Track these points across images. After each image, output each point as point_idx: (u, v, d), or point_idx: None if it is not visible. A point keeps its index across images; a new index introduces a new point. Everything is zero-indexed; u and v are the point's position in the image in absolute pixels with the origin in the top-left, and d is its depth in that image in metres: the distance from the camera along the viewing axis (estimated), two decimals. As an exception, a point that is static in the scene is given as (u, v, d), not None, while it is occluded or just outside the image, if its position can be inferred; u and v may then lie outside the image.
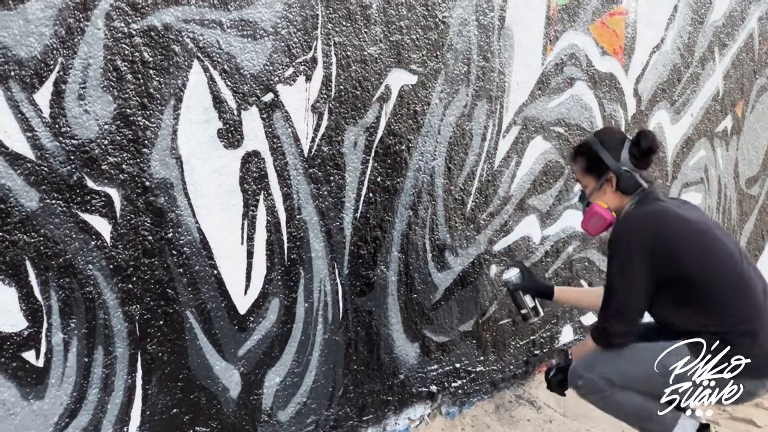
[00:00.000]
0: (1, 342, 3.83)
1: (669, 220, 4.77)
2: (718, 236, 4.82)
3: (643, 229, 4.76)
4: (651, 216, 4.82)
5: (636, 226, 4.80)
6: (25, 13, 3.78)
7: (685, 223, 4.78)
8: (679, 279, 4.67)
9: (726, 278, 4.71)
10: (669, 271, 4.67)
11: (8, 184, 3.78)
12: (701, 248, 4.72)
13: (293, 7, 4.68)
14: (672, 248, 4.68)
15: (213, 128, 4.44)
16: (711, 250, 4.73)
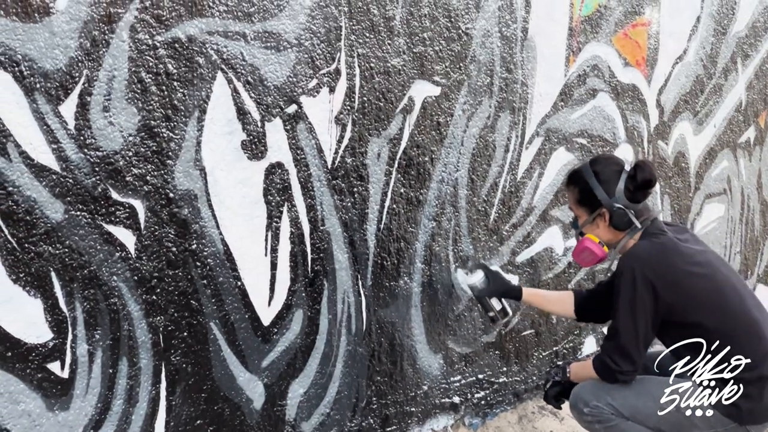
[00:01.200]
0: (26, 353, 3.83)
1: (675, 256, 4.69)
2: (724, 273, 4.75)
3: (650, 264, 4.65)
4: (657, 250, 4.73)
5: (642, 261, 4.68)
6: (50, 26, 3.79)
7: (691, 257, 4.72)
8: (687, 319, 4.61)
9: (735, 321, 4.64)
10: (677, 309, 4.60)
11: (34, 195, 3.79)
12: (710, 286, 4.66)
13: (317, 18, 4.68)
14: (679, 286, 4.61)
15: (237, 140, 4.44)
16: (718, 290, 4.67)
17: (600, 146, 6.32)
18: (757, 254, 7.42)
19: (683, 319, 4.61)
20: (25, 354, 3.83)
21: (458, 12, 5.30)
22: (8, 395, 3.79)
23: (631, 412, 4.71)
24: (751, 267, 7.37)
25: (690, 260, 4.70)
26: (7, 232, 3.74)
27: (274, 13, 4.52)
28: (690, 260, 4.70)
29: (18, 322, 3.80)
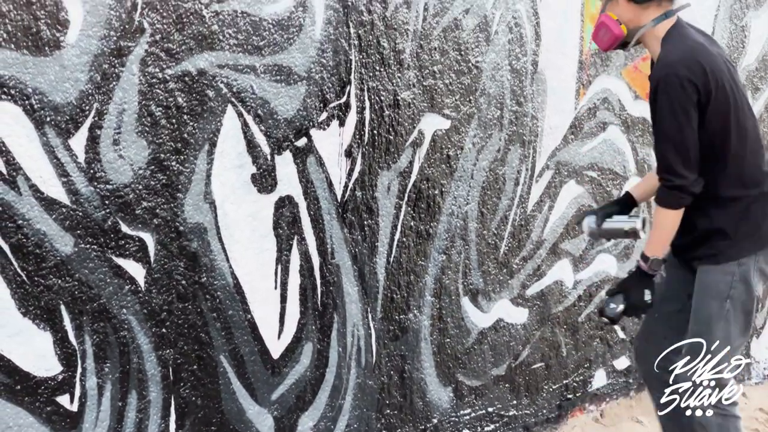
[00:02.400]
0: (35, 386, 3.83)
1: (706, 53, 4.60)
2: (742, 94, 4.77)
3: (684, 68, 4.51)
4: (692, 52, 4.60)
5: (680, 67, 4.53)
6: (61, 59, 3.80)
7: (723, 63, 4.66)
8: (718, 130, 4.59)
9: (748, 137, 4.71)
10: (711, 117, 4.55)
11: (43, 228, 3.79)
12: (735, 102, 4.64)
13: (326, 52, 4.68)
14: (718, 94, 4.55)
15: (247, 173, 4.45)
16: (741, 107, 4.68)
17: (610, 179, 6.31)
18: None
19: (713, 125, 4.58)
20: (35, 387, 3.83)
21: (468, 45, 5.30)
22: (17, 428, 3.78)
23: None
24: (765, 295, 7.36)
25: (724, 68, 4.64)
26: (16, 264, 3.74)
27: (284, 46, 4.53)
28: (724, 68, 4.64)
29: (27, 355, 3.80)
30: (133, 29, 4.01)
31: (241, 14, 4.36)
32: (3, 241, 3.70)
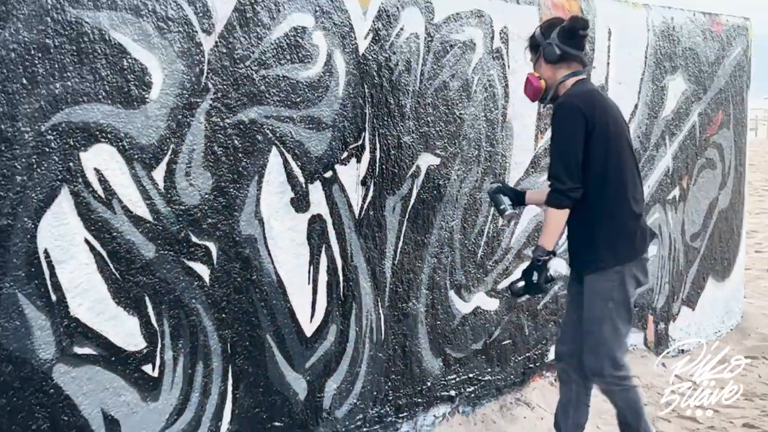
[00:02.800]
0: (126, 358, 3.81)
1: (597, 99, 4.67)
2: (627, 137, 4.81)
3: (580, 100, 4.59)
4: (587, 93, 4.68)
5: (573, 98, 4.62)
6: (146, 111, 3.79)
7: (611, 108, 4.73)
8: (598, 151, 4.56)
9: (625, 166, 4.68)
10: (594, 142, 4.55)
11: (133, 239, 3.78)
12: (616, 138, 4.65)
13: (347, 107, 4.66)
14: (600, 125, 4.56)
15: (287, 197, 4.43)
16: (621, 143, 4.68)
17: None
18: (681, 283, 7.37)
19: (598, 149, 4.57)
20: (125, 358, 3.81)
21: (454, 101, 5.28)
22: (113, 390, 3.76)
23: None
24: (677, 293, 7.31)
25: (610, 110, 4.70)
26: (112, 266, 3.72)
27: (315, 102, 4.51)
28: (610, 110, 4.70)
29: (120, 335, 3.78)
30: (201, 89, 4.00)
31: (282, 78, 4.35)
32: (102, 248, 3.68)
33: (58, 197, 3.53)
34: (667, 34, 7.00)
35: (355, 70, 4.71)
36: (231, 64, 4.12)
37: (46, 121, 3.47)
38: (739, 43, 7.88)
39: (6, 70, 3.34)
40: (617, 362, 4.70)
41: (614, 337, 4.70)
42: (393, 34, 4.90)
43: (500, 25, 5.57)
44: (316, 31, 4.49)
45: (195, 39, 3.96)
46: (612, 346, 4.69)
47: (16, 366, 3.44)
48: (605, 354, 4.68)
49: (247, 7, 4.17)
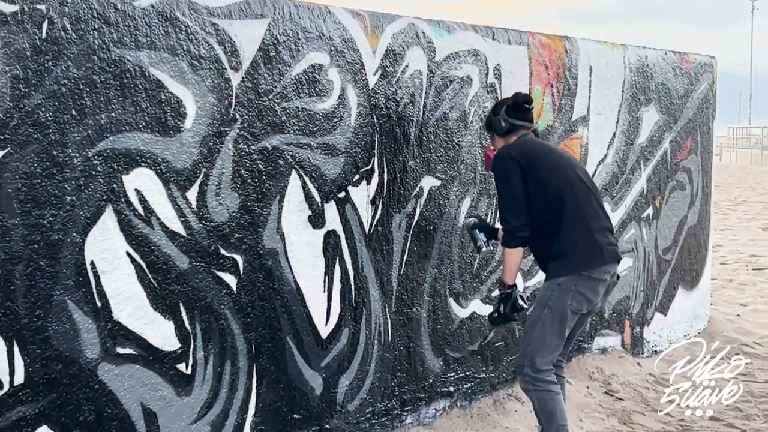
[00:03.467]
0: (163, 357, 3.81)
1: (532, 144, 4.69)
2: (570, 161, 4.81)
3: (514, 149, 4.61)
4: (519, 142, 4.69)
5: (507, 149, 4.65)
6: (180, 139, 3.80)
7: (544, 147, 4.81)
8: (539, 183, 4.53)
9: (572, 188, 4.60)
10: (535, 177, 4.53)
11: (169, 252, 3.79)
12: (558, 165, 4.64)
13: (358, 135, 4.67)
14: (537, 159, 4.57)
15: (305, 215, 4.43)
16: (563, 172, 4.63)
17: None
18: (655, 292, 7.36)
19: (538, 181, 4.54)
20: (162, 358, 3.81)
21: (452, 130, 5.29)
22: (151, 386, 3.77)
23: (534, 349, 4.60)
24: (651, 300, 7.29)
25: (543, 149, 4.75)
26: (150, 276, 3.73)
27: (330, 131, 4.52)
28: (543, 149, 4.75)
29: (158, 337, 3.79)
30: (229, 119, 4.01)
31: (301, 109, 4.36)
32: (141, 260, 3.69)
33: (103, 215, 3.54)
34: (641, 70, 7.01)
35: (365, 102, 4.72)
36: (256, 97, 4.13)
37: (93, 148, 3.49)
38: (705, 78, 7.89)
39: (58, 103, 3.36)
40: (536, 366, 4.56)
41: (540, 343, 4.58)
42: (399, 71, 4.91)
43: (494, 62, 5.58)
44: (331, 68, 4.51)
45: (224, 75, 3.98)
46: (535, 350, 4.58)
47: (65, 364, 3.45)
48: (528, 354, 4.60)
49: (270, 47, 4.19)
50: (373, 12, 4.81)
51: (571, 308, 4.54)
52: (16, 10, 3.22)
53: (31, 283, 3.32)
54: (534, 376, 4.58)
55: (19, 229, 3.27)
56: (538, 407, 4.66)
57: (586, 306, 4.59)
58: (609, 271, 4.62)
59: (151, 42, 3.68)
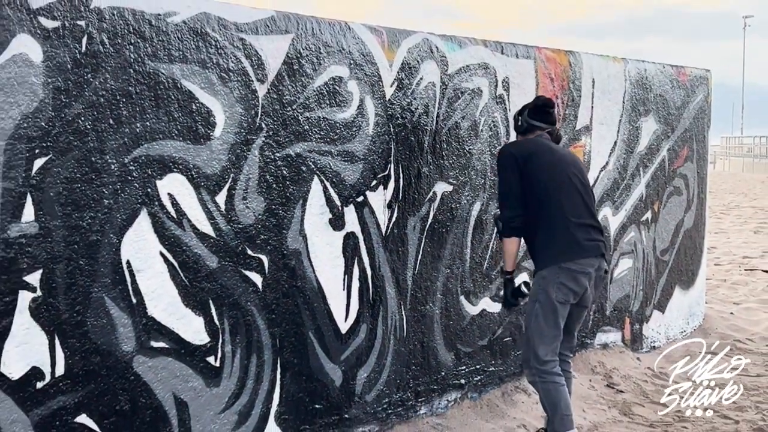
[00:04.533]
0: (193, 350, 3.82)
1: (530, 143, 4.69)
2: (566, 161, 4.71)
3: (513, 147, 4.73)
4: (521, 141, 4.78)
5: (508, 146, 4.81)
6: (210, 147, 3.81)
7: (545, 146, 4.68)
8: (530, 179, 4.53)
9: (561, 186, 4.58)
10: (525, 174, 4.53)
11: (199, 252, 3.79)
12: (551, 165, 4.60)
13: (376, 143, 4.67)
14: (530, 157, 4.56)
15: (326, 218, 4.43)
16: (555, 171, 4.59)
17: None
18: (653, 291, 7.31)
19: (529, 178, 4.54)
20: (193, 351, 3.81)
21: (464, 138, 5.27)
22: (183, 377, 3.77)
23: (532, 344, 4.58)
24: (649, 299, 7.25)
25: (542, 148, 4.66)
26: (182, 275, 3.73)
27: (349, 139, 4.51)
28: (542, 148, 4.66)
29: (189, 332, 3.79)
30: (255, 128, 4.01)
31: (323, 119, 4.36)
32: (174, 259, 3.69)
33: (138, 217, 3.55)
34: (641, 83, 6.98)
35: (382, 112, 4.71)
36: (280, 107, 4.13)
37: (129, 155, 3.50)
38: (701, 90, 7.84)
39: (96, 113, 3.37)
40: (539, 358, 4.53)
41: (538, 334, 4.55)
42: (414, 83, 4.90)
43: (503, 75, 5.56)
44: (350, 80, 4.50)
45: (251, 87, 3.98)
46: (536, 342, 4.55)
47: (103, 357, 3.45)
48: (531, 348, 4.57)
49: (294, 61, 4.19)
50: (390, 28, 4.80)
51: (557, 299, 4.53)
52: (58, 25, 3.24)
53: (71, 281, 3.33)
54: (540, 368, 4.55)
55: (60, 230, 3.28)
56: (544, 398, 4.63)
57: (572, 297, 4.56)
58: (591, 264, 4.59)
59: (183, 56, 3.69)
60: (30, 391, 3.22)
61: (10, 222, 3.13)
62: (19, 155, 3.14)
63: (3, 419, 3.13)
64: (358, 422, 4.66)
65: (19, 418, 3.18)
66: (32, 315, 3.21)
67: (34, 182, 3.20)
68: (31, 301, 3.21)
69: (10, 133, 3.11)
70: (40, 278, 3.23)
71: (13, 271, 3.15)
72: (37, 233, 3.21)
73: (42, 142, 3.21)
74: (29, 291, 3.20)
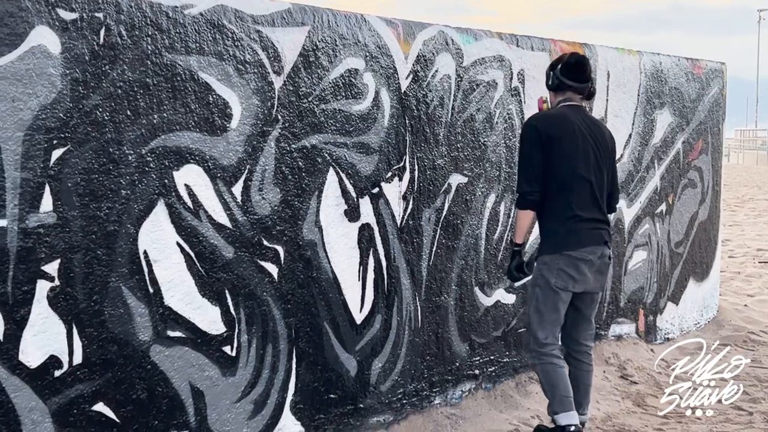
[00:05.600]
0: (210, 340, 3.80)
1: (557, 120, 4.54)
2: (587, 141, 4.53)
3: (537, 120, 4.59)
4: (546, 114, 4.66)
5: (533, 118, 4.66)
6: (227, 138, 3.79)
7: (569, 123, 4.51)
8: (547, 163, 4.45)
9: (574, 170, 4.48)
10: (547, 157, 4.45)
11: (215, 242, 3.78)
12: (574, 147, 4.48)
13: (390, 135, 4.64)
14: (551, 140, 4.45)
15: (341, 209, 4.40)
16: (576, 155, 4.48)
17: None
18: (667, 283, 7.26)
19: (547, 162, 4.44)
20: (209, 341, 3.80)
21: (479, 130, 5.23)
22: (199, 366, 3.76)
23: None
24: (664, 291, 7.20)
25: (566, 130, 4.49)
26: (198, 265, 3.72)
27: (365, 131, 4.49)
28: (566, 130, 4.49)
29: (205, 321, 3.78)
30: (272, 119, 3.99)
31: (338, 111, 4.33)
32: (190, 250, 3.68)
33: (155, 208, 3.53)
34: (656, 75, 6.91)
35: (397, 104, 4.68)
36: (296, 99, 4.11)
37: (146, 146, 3.48)
38: (716, 83, 7.76)
39: (114, 104, 3.36)
40: (539, 340, 4.51)
41: (537, 318, 4.53)
42: (429, 75, 4.87)
43: (518, 68, 5.52)
44: (366, 72, 4.47)
45: (267, 79, 3.96)
46: (536, 326, 4.54)
47: (120, 346, 3.44)
48: (531, 332, 4.59)
49: (310, 53, 4.16)
50: (406, 20, 4.77)
51: (556, 285, 4.48)
52: (76, 17, 3.22)
53: (89, 271, 3.32)
54: (539, 350, 4.53)
55: (78, 220, 3.27)
56: (543, 379, 4.58)
57: (571, 284, 4.50)
58: (594, 251, 4.54)
59: (200, 47, 3.67)
60: (48, 380, 3.21)
61: (29, 212, 3.12)
62: (38, 146, 3.13)
63: (21, 407, 3.13)
64: (372, 412, 4.65)
65: (37, 406, 3.17)
66: (50, 304, 3.21)
67: (53, 173, 3.18)
68: (49, 290, 3.20)
69: (29, 123, 3.10)
70: (58, 268, 3.22)
71: (32, 260, 3.15)
72: (55, 223, 3.20)
73: (60, 133, 3.20)
74: (47, 280, 3.20)
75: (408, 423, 4.85)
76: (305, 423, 4.27)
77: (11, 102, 3.05)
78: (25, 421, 3.13)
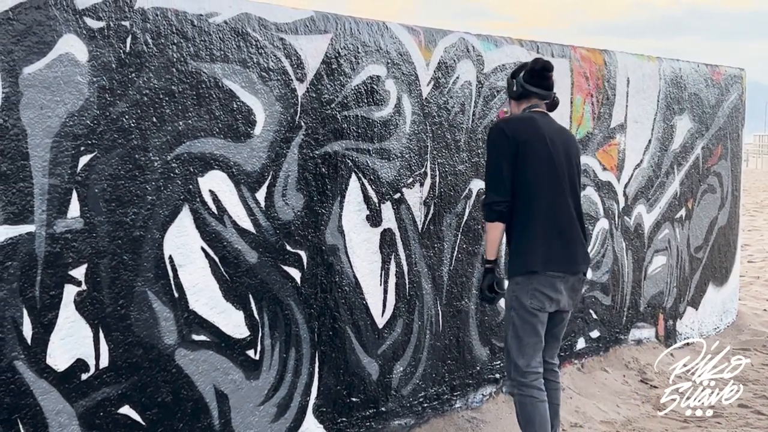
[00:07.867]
0: (234, 344, 3.79)
1: (526, 125, 4.12)
2: (560, 155, 4.15)
3: (508, 125, 4.15)
4: (516, 118, 4.22)
5: (503, 123, 4.24)
6: (251, 144, 3.78)
7: (541, 129, 4.12)
8: (517, 172, 4.05)
9: (545, 178, 4.09)
10: (517, 164, 4.04)
11: (239, 247, 3.76)
12: (543, 156, 4.09)
13: (412, 141, 4.61)
14: (523, 145, 4.04)
15: (363, 214, 4.38)
16: (542, 165, 4.09)
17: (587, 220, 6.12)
18: (687, 288, 7.18)
19: (517, 170, 4.04)
20: (233, 344, 3.78)
21: (499, 137, 5.19)
22: (223, 370, 3.74)
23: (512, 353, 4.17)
24: (683, 295, 7.12)
25: (536, 136, 4.09)
26: (223, 270, 3.70)
27: (386, 137, 4.46)
28: (536, 136, 4.09)
29: (229, 325, 3.76)
30: (295, 126, 3.97)
31: (360, 117, 4.31)
32: (215, 255, 3.66)
33: (180, 213, 3.52)
34: (675, 81, 6.84)
35: (419, 111, 4.65)
36: (319, 106, 4.09)
37: (171, 152, 3.47)
38: (735, 89, 7.68)
39: (140, 111, 3.35)
40: (519, 369, 4.12)
41: (516, 344, 4.14)
42: (450, 82, 4.83)
43: (538, 74, 5.46)
44: (388, 79, 4.45)
45: (290, 86, 3.94)
46: (515, 353, 4.14)
47: (146, 350, 3.43)
48: (511, 359, 4.17)
49: (333, 60, 4.14)
50: (427, 27, 4.74)
51: (532, 306, 4.09)
52: (103, 26, 3.22)
53: (115, 276, 3.32)
54: (520, 380, 4.14)
55: (105, 226, 3.27)
56: (519, 411, 4.21)
57: (548, 303, 4.11)
58: (569, 269, 4.16)
59: (225, 55, 3.66)
60: (75, 383, 3.21)
61: (57, 217, 3.12)
62: (65, 152, 3.13)
63: (49, 410, 3.12)
64: (394, 415, 4.61)
65: (64, 409, 3.17)
66: (77, 308, 3.20)
67: (80, 179, 3.18)
68: (76, 294, 3.20)
69: (57, 130, 3.10)
70: (85, 272, 3.22)
71: (59, 265, 3.14)
72: (82, 229, 3.20)
73: (87, 139, 3.19)
74: (74, 285, 3.19)
75: (429, 426, 4.81)
76: (327, 426, 4.24)
77: (39, 109, 3.05)
78: (52, 424, 3.13)
